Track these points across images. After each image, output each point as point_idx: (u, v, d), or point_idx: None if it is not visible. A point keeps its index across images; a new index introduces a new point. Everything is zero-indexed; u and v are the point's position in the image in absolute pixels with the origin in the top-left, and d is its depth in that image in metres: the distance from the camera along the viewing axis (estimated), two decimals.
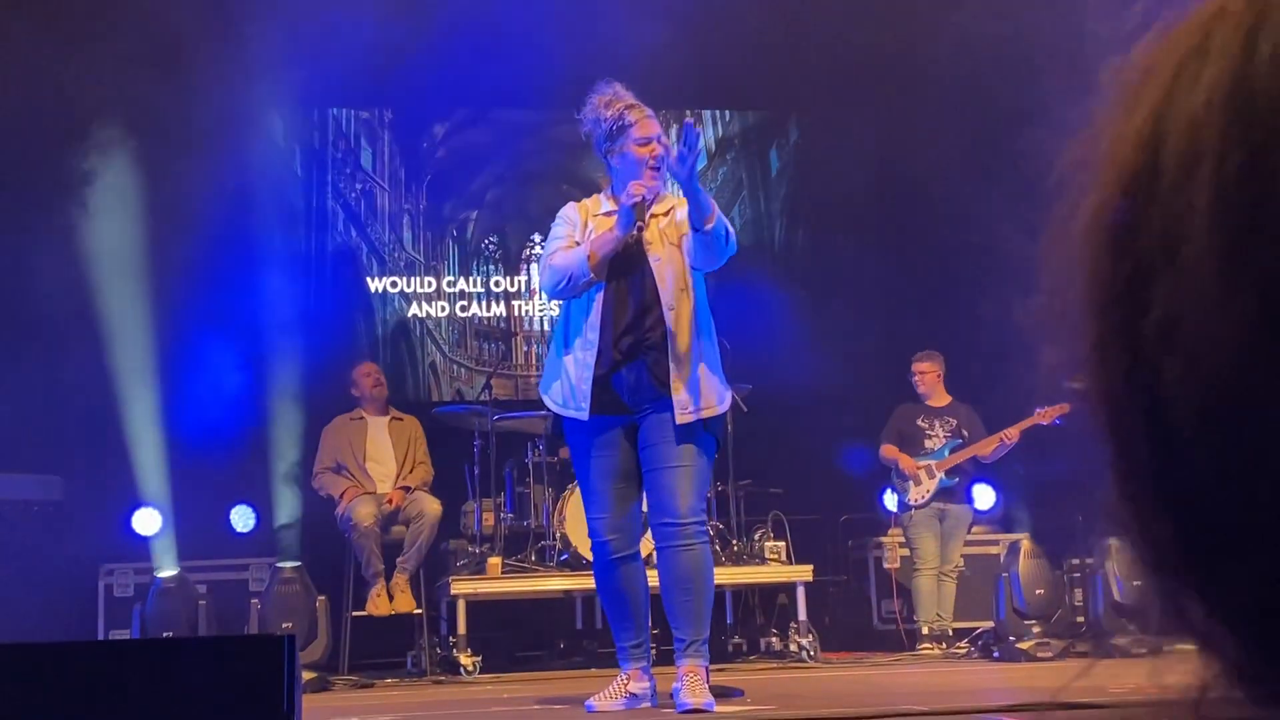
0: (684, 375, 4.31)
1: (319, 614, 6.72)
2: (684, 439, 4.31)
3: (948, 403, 8.03)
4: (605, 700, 4.49)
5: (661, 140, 4.52)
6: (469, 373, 9.41)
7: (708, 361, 4.38)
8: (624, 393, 4.36)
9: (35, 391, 7.81)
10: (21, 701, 2.98)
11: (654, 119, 4.58)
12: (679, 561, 4.33)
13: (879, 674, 6.42)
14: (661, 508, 4.35)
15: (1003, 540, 8.27)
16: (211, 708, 2.95)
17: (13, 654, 3.03)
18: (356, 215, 9.46)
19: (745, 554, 7.55)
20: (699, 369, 4.34)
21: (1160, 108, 0.51)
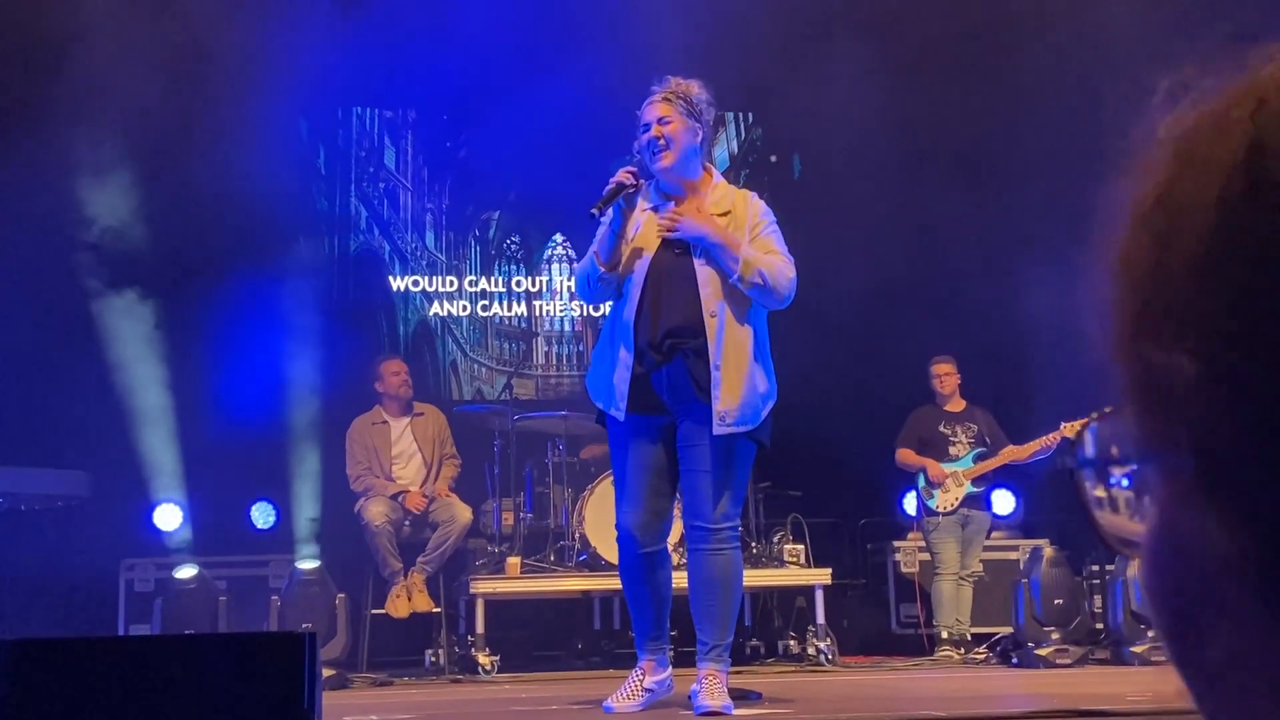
0: (725, 385, 4.21)
1: (338, 612, 6.74)
2: (723, 444, 4.25)
3: (964, 407, 8.01)
4: (622, 700, 4.48)
5: (664, 122, 4.28)
6: (490, 372, 9.43)
7: (751, 374, 4.25)
8: (663, 392, 4.30)
9: (60, 388, 7.86)
10: (44, 696, 3.00)
11: (658, 103, 4.31)
12: (707, 565, 4.31)
13: (897, 678, 6.41)
14: (694, 510, 4.32)
15: (1022, 546, 8.25)
16: (232, 704, 2.97)
17: (36, 649, 3.05)
18: (379, 214, 9.49)
19: (764, 556, 7.55)
20: (741, 381, 4.22)
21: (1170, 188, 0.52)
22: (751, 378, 4.26)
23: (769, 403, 4.33)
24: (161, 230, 8.17)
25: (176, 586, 6.87)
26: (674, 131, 4.27)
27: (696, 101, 4.32)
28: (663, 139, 4.28)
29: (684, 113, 4.29)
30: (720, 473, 4.27)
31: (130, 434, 7.92)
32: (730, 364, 4.23)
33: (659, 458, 4.38)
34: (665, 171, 4.33)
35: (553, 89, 8.99)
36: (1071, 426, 7.57)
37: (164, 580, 7.27)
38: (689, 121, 4.29)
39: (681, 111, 4.28)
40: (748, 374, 4.25)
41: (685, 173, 4.35)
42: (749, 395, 4.24)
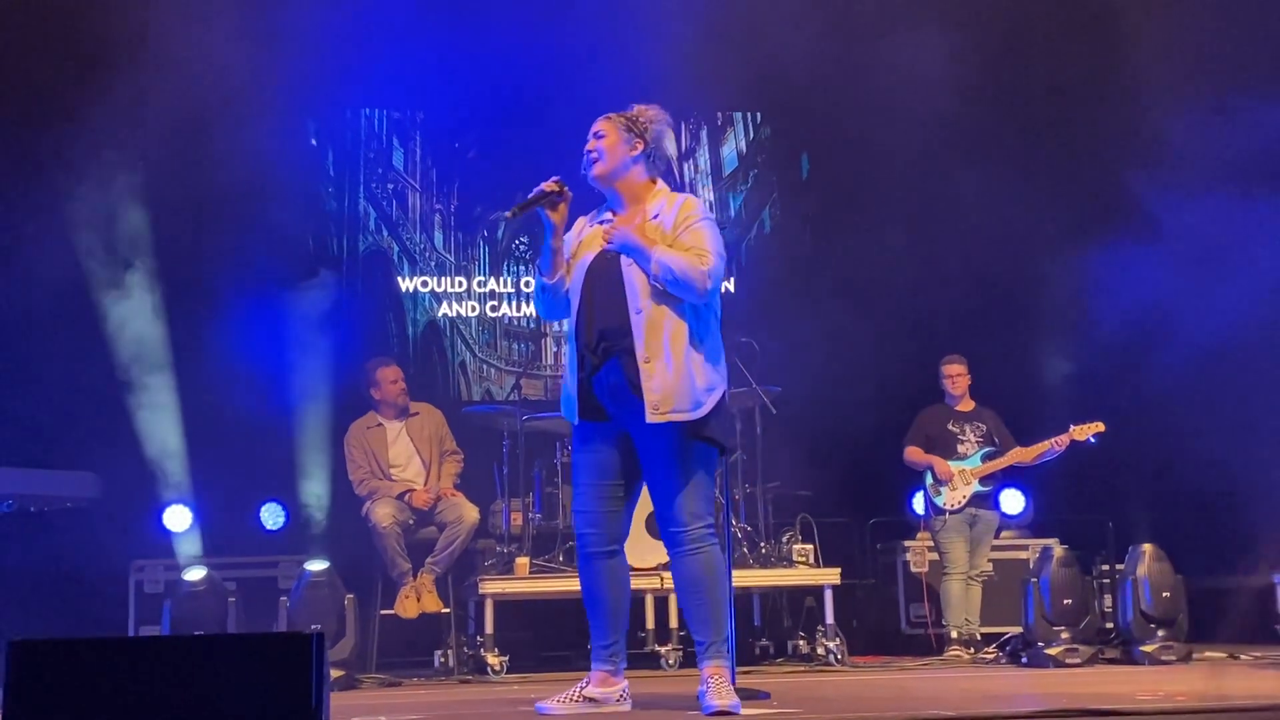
0: (655, 377, 4.31)
1: (347, 612, 6.74)
2: (676, 446, 4.33)
3: (973, 407, 8.01)
4: (557, 705, 4.50)
5: (599, 136, 4.54)
6: (499, 373, 9.44)
7: (685, 365, 4.32)
8: (604, 397, 4.42)
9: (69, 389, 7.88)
10: (54, 696, 3.01)
11: (600, 120, 4.59)
12: (686, 567, 4.38)
13: (906, 678, 6.40)
14: (661, 515, 4.42)
15: (1032, 545, 8.24)
16: (241, 703, 2.98)
17: (47, 649, 3.06)
18: (388, 215, 9.50)
19: (773, 556, 7.54)
20: (671, 372, 4.30)
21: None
22: (685, 369, 4.32)
23: (711, 394, 4.35)
24: (171, 232, 8.18)
25: (186, 588, 6.87)
26: (607, 145, 4.53)
27: (639, 119, 4.58)
28: (595, 151, 4.53)
29: (622, 128, 4.55)
30: (675, 472, 4.34)
31: (139, 435, 7.94)
32: (659, 357, 4.32)
33: (609, 462, 4.48)
34: (596, 180, 4.56)
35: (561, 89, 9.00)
36: (1080, 430, 7.58)
37: (173, 581, 7.28)
38: (626, 135, 4.54)
39: (620, 127, 4.55)
40: (680, 365, 4.32)
41: (614, 183, 4.56)
42: (683, 385, 4.30)
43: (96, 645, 3.12)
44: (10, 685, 3.01)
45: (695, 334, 4.37)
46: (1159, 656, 6.78)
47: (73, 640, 3.09)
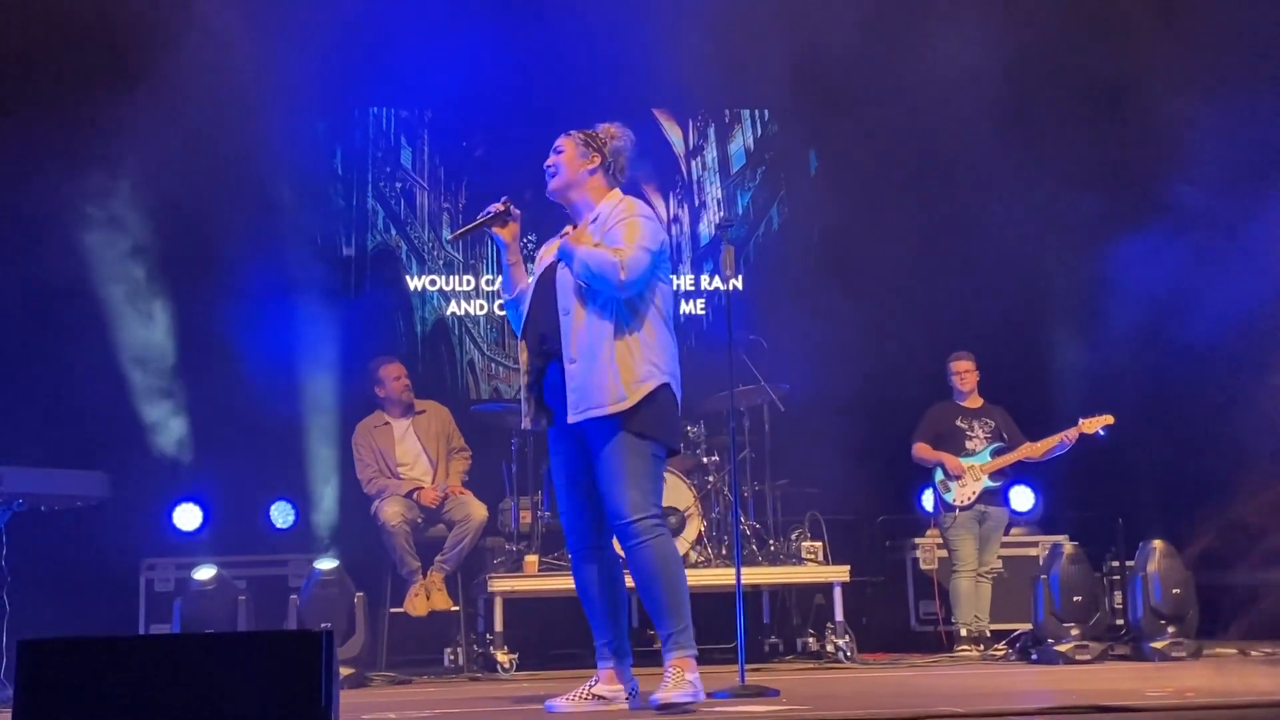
0: (580, 375, 4.40)
1: (357, 611, 6.75)
2: (606, 441, 4.39)
3: (982, 404, 8.00)
4: (566, 703, 4.54)
5: (558, 151, 4.69)
6: (507, 371, 9.45)
7: (606, 362, 4.38)
8: (551, 400, 4.53)
9: (79, 389, 7.90)
10: (67, 694, 3.02)
11: (561, 137, 4.71)
12: (636, 560, 4.42)
13: (916, 675, 6.40)
14: (608, 512, 4.47)
15: (1042, 542, 8.23)
16: (250, 701, 2.98)
17: (58, 648, 3.07)
18: (396, 214, 9.51)
19: (782, 554, 7.54)
20: (592, 371, 4.38)
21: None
22: (606, 366, 4.38)
23: (640, 386, 4.38)
24: (180, 232, 8.20)
25: (195, 587, 6.89)
26: (564, 160, 4.67)
27: (597, 135, 4.68)
28: (552, 167, 4.68)
29: (579, 143, 4.66)
30: (609, 467, 4.39)
31: (149, 434, 7.96)
32: (583, 357, 4.41)
33: (574, 462, 4.57)
34: (553, 194, 4.71)
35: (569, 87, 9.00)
36: (1089, 422, 7.57)
37: (184, 580, 7.29)
38: (582, 150, 4.65)
39: (577, 143, 4.66)
40: (602, 363, 4.38)
41: (571, 196, 4.69)
42: (601, 381, 4.37)
43: (106, 644, 3.12)
44: (21, 684, 3.02)
45: (625, 329, 4.42)
46: (1169, 653, 6.77)
47: (83, 639, 3.10)
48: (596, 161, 4.64)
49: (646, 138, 9.82)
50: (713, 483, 7.57)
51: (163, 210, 8.07)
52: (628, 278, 4.37)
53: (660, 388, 4.43)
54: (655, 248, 4.47)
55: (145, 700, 3.01)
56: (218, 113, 7.94)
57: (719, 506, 7.56)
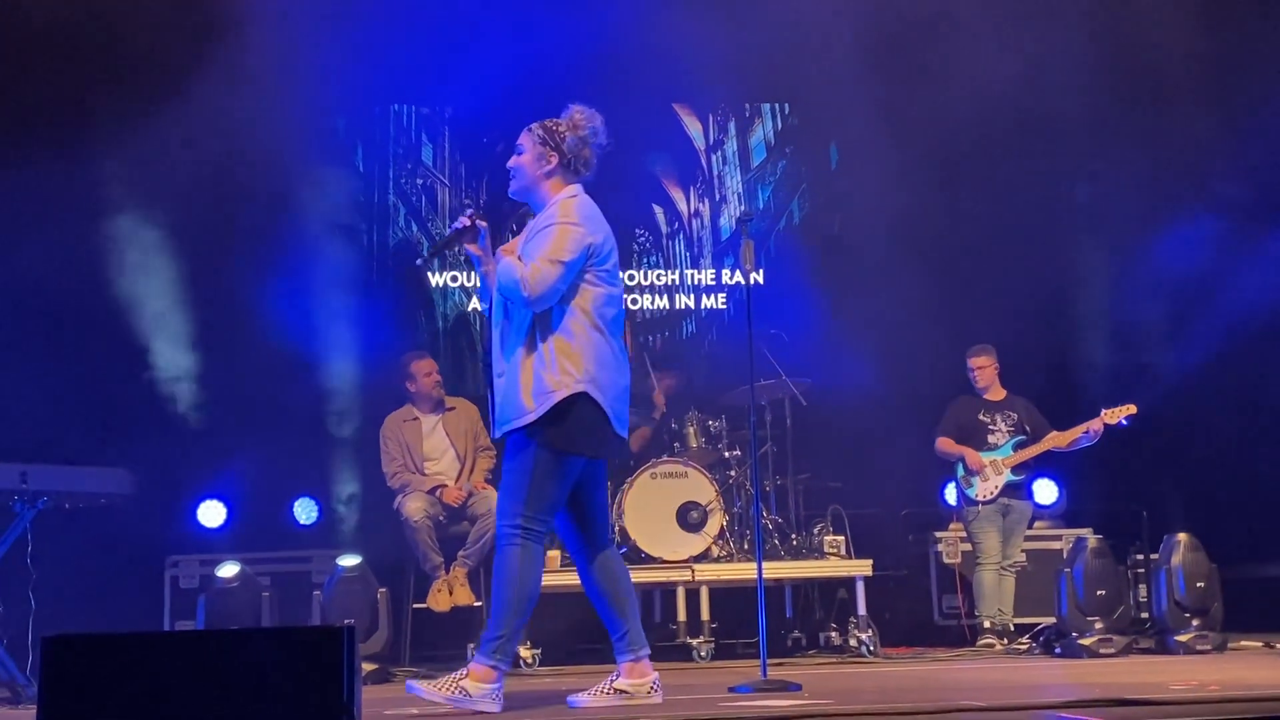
0: (500, 391, 4.43)
1: (380, 606, 6.77)
2: (510, 449, 4.42)
3: (1004, 397, 7.97)
4: (588, 698, 4.55)
5: (519, 151, 4.62)
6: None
7: (519, 374, 4.36)
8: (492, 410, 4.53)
9: (104, 386, 7.95)
10: (92, 690, 3.04)
11: (522, 133, 4.65)
12: (496, 559, 4.45)
13: (939, 669, 6.38)
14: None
15: (1065, 535, 8.20)
16: (273, 697, 3.00)
17: (83, 644, 3.09)
18: (417, 210, 9.53)
19: (804, 548, 7.53)
20: (515, 381, 4.37)
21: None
22: (520, 378, 4.36)
23: (550, 396, 4.32)
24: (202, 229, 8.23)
25: (219, 584, 6.93)
26: (524, 161, 4.60)
27: (556, 130, 4.60)
28: (512, 170, 4.63)
29: (538, 141, 4.59)
30: (506, 469, 4.42)
31: (173, 432, 8.00)
32: (508, 368, 4.42)
33: None
34: (514, 196, 4.67)
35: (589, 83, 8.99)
36: (1112, 413, 7.53)
37: (208, 577, 7.33)
38: (540, 150, 4.58)
39: (536, 141, 4.59)
40: (520, 373, 4.37)
41: (532, 198, 4.64)
42: (515, 394, 4.36)
43: (130, 640, 3.14)
44: (46, 680, 3.04)
45: (542, 339, 4.37)
46: (1193, 646, 6.75)
47: (107, 635, 3.11)
48: (554, 160, 4.56)
49: (667, 132, 9.86)
50: (734, 477, 7.57)
51: (185, 207, 8.10)
52: (530, 293, 4.31)
53: (575, 396, 4.33)
54: (570, 257, 4.36)
55: (169, 696, 3.02)
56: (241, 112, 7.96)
57: (741, 501, 7.56)
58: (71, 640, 3.08)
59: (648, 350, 9.56)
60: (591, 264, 4.44)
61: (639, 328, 9.67)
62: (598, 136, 4.64)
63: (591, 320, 4.42)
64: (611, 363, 4.45)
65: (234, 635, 3.33)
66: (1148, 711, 3.55)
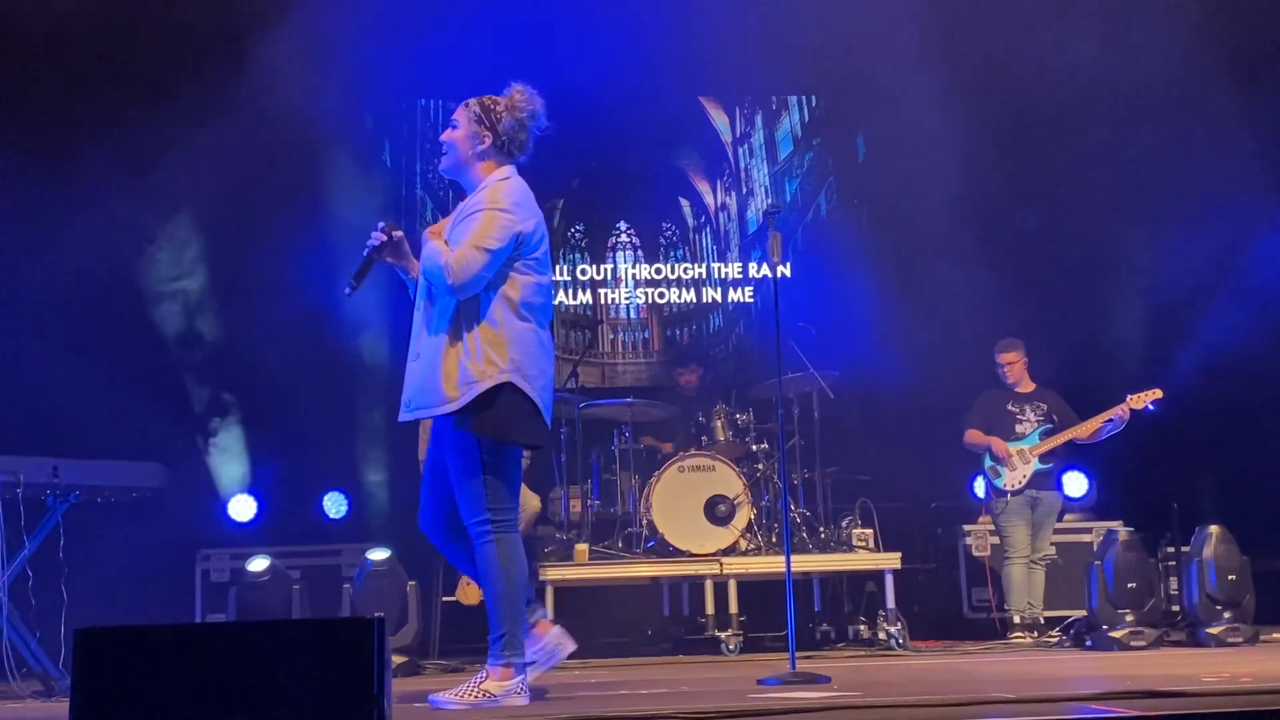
0: (412, 375, 4.33)
1: (410, 599, 6.80)
2: (449, 442, 4.31)
3: (1034, 388, 7.93)
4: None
5: (453, 126, 4.52)
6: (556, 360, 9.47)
7: (439, 361, 4.25)
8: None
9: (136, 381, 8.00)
10: (123, 681, 3.06)
11: (458, 108, 4.55)
12: (477, 558, 4.39)
13: (968, 662, 6.37)
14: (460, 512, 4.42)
15: (1095, 528, 8.17)
16: (303, 688, 3.01)
17: (115, 636, 3.11)
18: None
19: (832, 541, 7.53)
20: (424, 369, 4.28)
21: None
22: (440, 364, 4.25)
23: (475, 386, 4.21)
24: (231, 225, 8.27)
25: (251, 578, 6.97)
26: (457, 138, 4.47)
27: (492, 109, 4.51)
28: (445, 145, 4.51)
29: (473, 119, 4.48)
30: (451, 467, 4.32)
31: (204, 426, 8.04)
32: (423, 353, 4.31)
33: (433, 454, 4.47)
34: (445, 173, 4.55)
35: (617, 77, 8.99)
36: (1138, 398, 7.49)
37: (239, 570, 7.37)
38: (474, 128, 4.47)
39: (471, 119, 4.49)
40: (435, 360, 4.26)
41: (463, 177, 4.51)
42: (432, 381, 4.25)
43: (161, 632, 3.16)
44: (79, 672, 3.06)
45: (466, 327, 4.26)
46: (1225, 639, 6.71)
47: (139, 627, 3.14)
48: (488, 141, 4.44)
49: (694, 125, 9.85)
50: (762, 470, 7.57)
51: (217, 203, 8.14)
52: (454, 281, 4.19)
53: (500, 386, 4.24)
54: (498, 245, 4.23)
55: (200, 687, 3.05)
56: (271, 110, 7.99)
57: (769, 494, 7.56)
58: (103, 633, 3.10)
59: (675, 344, 9.56)
60: (520, 252, 4.32)
61: (666, 321, 9.67)
62: (536, 119, 4.55)
63: (518, 310, 4.31)
64: (538, 352, 4.36)
65: (264, 627, 3.35)
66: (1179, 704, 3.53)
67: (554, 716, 3.71)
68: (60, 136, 7.81)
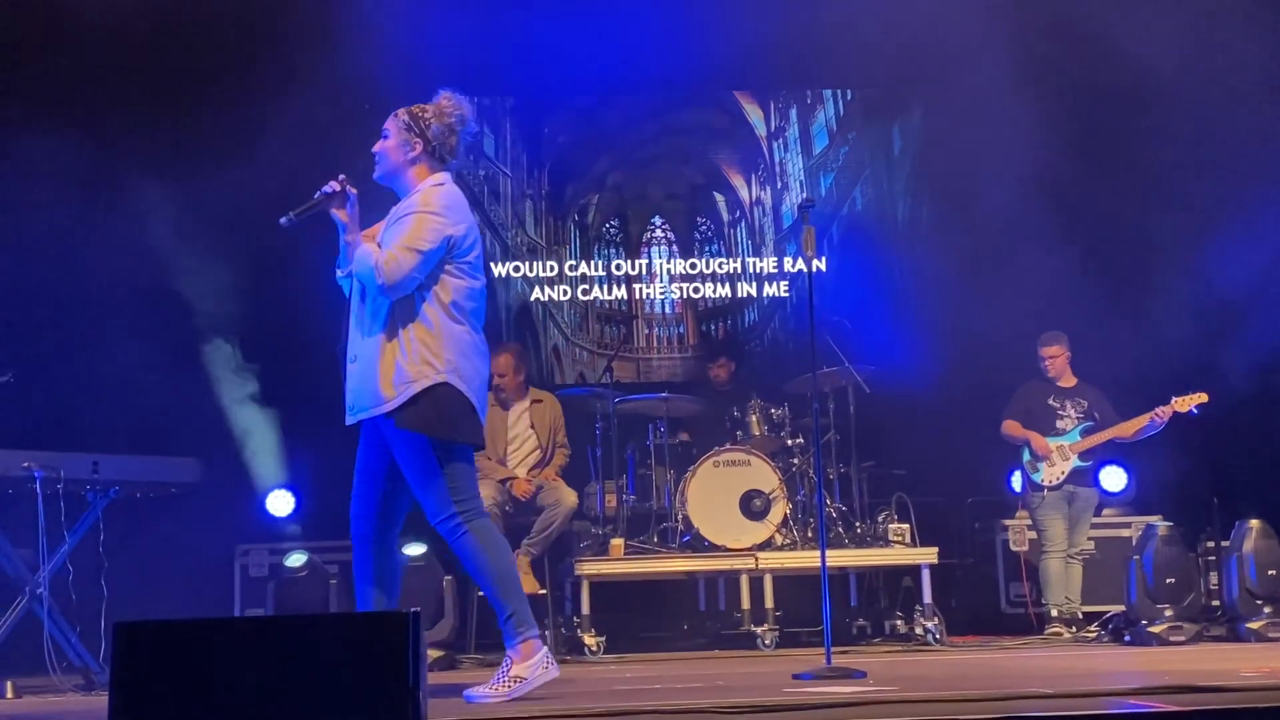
0: (353, 377, 4.38)
1: (446, 594, 6.82)
2: (396, 445, 4.36)
3: (1076, 383, 7.89)
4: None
5: (384, 136, 4.55)
6: (591, 355, 9.48)
7: (377, 360, 4.31)
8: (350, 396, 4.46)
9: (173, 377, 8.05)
10: (162, 675, 3.09)
11: (389, 117, 4.57)
12: (459, 554, 4.44)
13: (1005, 657, 6.34)
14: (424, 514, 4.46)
15: (1134, 522, 8.12)
16: (340, 681, 3.03)
17: (154, 631, 3.14)
18: (479, 201, 9.57)
19: (869, 536, 7.50)
20: (368, 369, 4.33)
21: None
22: (378, 364, 4.31)
23: (412, 385, 4.27)
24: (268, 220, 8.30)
25: (288, 574, 7.01)
26: (388, 147, 4.52)
27: (421, 116, 4.53)
28: (377, 155, 4.55)
29: (403, 128, 4.52)
30: (407, 472, 4.36)
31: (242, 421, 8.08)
32: (362, 354, 4.37)
33: (366, 454, 4.54)
34: (379, 180, 4.57)
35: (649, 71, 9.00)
36: (1183, 401, 7.44)
37: (277, 565, 7.41)
38: (404, 136, 4.51)
39: (401, 127, 4.52)
40: (378, 361, 4.32)
41: (397, 184, 4.55)
42: (371, 381, 4.31)
43: (199, 626, 3.19)
44: (118, 666, 3.09)
45: (401, 327, 4.32)
46: (1265, 634, 6.66)
47: (176, 621, 3.16)
48: (419, 148, 4.48)
49: (728, 119, 9.84)
50: (798, 465, 7.56)
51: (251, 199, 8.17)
52: (384, 280, 4.26)
53: (436, 386, 4.29)
54: (429, 246, 4.30)
55: (238, 681, 3.07)
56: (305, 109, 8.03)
57: (804, 489, 7.54)
58: (143, 626, 3.13)
59: (710, 339, 9.56)
60: (452, 256, 4.38)
61: (701, 316, 9.67)
62: (465, 124, 4.58)
63: (449, 312, 4.38)
64: (472, 354, 4.42)
65: (302, 621, 3.37)
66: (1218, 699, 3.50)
67: (590, 710, 3.72)
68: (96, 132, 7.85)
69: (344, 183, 4.47)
